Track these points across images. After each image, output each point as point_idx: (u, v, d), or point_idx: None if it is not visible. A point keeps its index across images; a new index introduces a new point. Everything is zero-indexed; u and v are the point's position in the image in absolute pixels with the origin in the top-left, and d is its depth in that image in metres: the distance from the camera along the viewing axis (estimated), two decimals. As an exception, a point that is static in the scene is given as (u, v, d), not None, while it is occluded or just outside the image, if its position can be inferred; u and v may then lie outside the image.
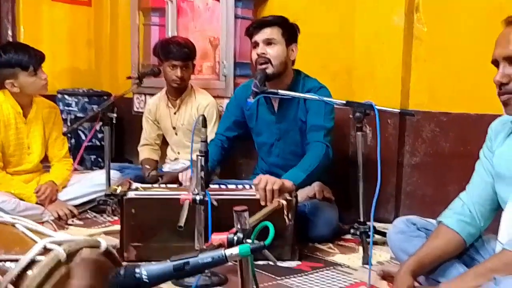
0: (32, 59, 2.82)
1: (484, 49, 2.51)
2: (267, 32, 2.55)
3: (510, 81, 1.50)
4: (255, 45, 2.58)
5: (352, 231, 2.34)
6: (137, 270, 0.99)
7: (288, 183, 2.19)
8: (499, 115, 1.73)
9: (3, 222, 1.22)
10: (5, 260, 1.08)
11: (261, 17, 2.74)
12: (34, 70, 2.82)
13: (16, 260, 1.05)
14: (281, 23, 2.58)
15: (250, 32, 2.61)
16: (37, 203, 2.83)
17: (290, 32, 2.60)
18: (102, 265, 1.11)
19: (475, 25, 2.61)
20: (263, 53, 2.52)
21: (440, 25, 2.76)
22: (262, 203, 2.08)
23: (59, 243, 1.07)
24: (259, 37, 2.55)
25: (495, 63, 1.55)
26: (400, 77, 2.83)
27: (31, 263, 1.04)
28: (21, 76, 2.81)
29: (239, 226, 1.17)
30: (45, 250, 1.07)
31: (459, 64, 2.69)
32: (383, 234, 2.37)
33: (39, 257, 1.05)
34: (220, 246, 1.12)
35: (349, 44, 3.07)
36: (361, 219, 2.31)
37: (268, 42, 2.54)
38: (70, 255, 1.06)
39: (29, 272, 1.03)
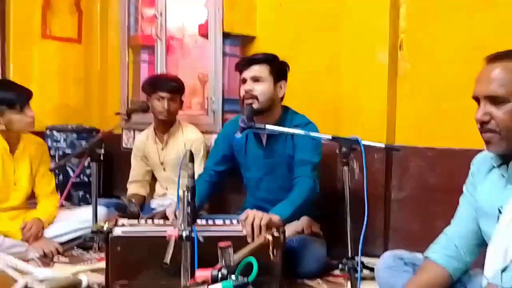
0: (19, 97, 2.83)
1: (467, 86, 2.55)
2: (255, 69, 2.59)
3: (491, 120, 1.51)
4: (243, 81, 2.61)
5: (340, 266, 2.32)
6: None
7: (275, 218, 2.19)
8: (483, 150, 1.75)
9: (-15, 260, 1.21)
10: (-15, 299, 1.06)
11: (251, 55, 2.78)
12: (21, 108, 2.82)
13: (-4, 299, 1.03)
14: (270, 61, 2.62)
15: (240, 68, 2.66)
16: (22, 240, 2.79)
17: (278, 70, 2.64)
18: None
19: (458, 62, 2.66)
20: (250, 90, 2.56)
21: (423, 62, 2.82)
22: (249, 240, 2.07)
23: (40, 281, 1.06)
24: (247, 74, 2.59)
25: (476, 99, 1.57)
26: (386, 112, 2.87)
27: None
28: (7, 114, 2.81)
29: (223, 262, 1.16)
30: (26, 288, 1.06)
31: (443, 100, 2.73)
32: (372, 269, 2.36)
33: (20, 296, 1.04)
34: (204, 282, 1.11)
35: (336, 80, 3.12)
36: (349, 254, 2.29)
37: (256, 79, 2.58)
38: (51, 294, 1.05)
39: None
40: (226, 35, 3.53)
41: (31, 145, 3.04)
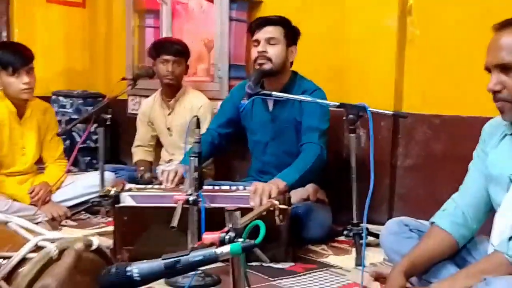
0: (13, 59, 2.76)
1: (476, 52, 2.52)
2: (269, 31, 2.57)
3: (503, 89, 1.50)
4: (256, 43, 2.59)
5: (345, 232, 2.35)
6: (128, 268, 1.00)
7: (282, 184, 2.20)
8: (492, 118, 1.73)
9: (-4, 220, 1.23)
10: (-2, 257, 1.08)
11: (264, 16, 2.75)
12: (13, 71, 2.76)
13: (8, 258, 1.05)
14: (284, 23, 2.61)
15: (253, 29, 2.63)
16: (30, 204, 2.83)
17: (291, 34, 2.63)
18: (94, 262, 1.11)
19: (468, 28, 2.62)
20: (264, 51, 2.54)
21: (433, 28, 2.78)
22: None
23: (51, 241, 1.07)
24: (261, 35, 2.57)
25: (488, 70, 1.55)
26: (394, 79, 2.84)
27: (23, 260, 1.05)
28: (2, 75, 2.78)
29: (230, 225, 1.17)
30: (37, 248, 1.07)
31: (452, 67, 2.70)
32: (376, 235, 2.38)
33: (31, 255, 1.06)
34: (211, 245, 1.12)
35: (342, 46, 3.08)
36: (354, 221, 2.31)
37: (270, 41, 2.56)
38: (62, 253, 1.07)
39: (21, 269, 1.04)
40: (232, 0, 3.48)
41: (39, 110, 3.03)
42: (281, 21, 2.60)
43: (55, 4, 4.68)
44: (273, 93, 2.43)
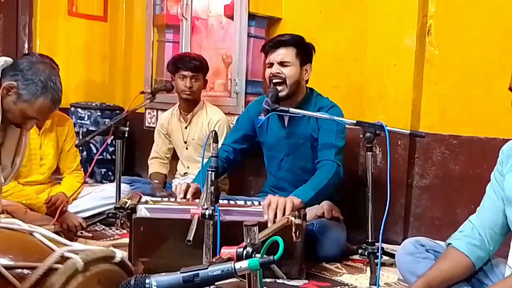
0: None
1: (495, 73, 2.54)
2: (282, 53, 2.58)
3: None
4: (270, 65, 2.61)
5: (360, 251, 2.34)
6: (147, 280, 1.00)
7: (297, 201, 2.19)
8: (510, 139, 1.73)
9: (21, 230, 1.24)
10: (23, 267, 1.09)
11: (277, 36, 2.76)
12: None
13: (34, 268, 1.06)
14: (296, 43, 2.61)
15: (266, 50, 2.65)
16: (46, 214, 2.85)
17: (304, 53, 2.63)
18: (116, 275, 1.12)
19: (487, 48, 2.63)
20: (278, 73, 2.56)
21: (451, 48, 2.78)
22: (269, 225, 2.07)
23: (76, 252, 1.08)
24: (274, 57, 2.59)
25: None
26: (411, 98, 2.84)
27: (49, 271, 1.06)
28: None
29: (248, 241, 1.18)
30: (63, 259, 1.08)
31: (470, 87, 2.70)
32: (391, 255, 2.36)
33: (56, 265, 1.06)
34: (229, 259, 1.13)
35: (360, 64, 3.10)
36: (370, 240, 2.30)
37: (283, 64, 2.57)
38: (87, 264, 1.08)
39: (47, 280, 1.05)
40: (251, 16, 3.52)
41: (58, 121, 3.07)
42: (294, 42, 2.61)
43: (76, 17, 4.76)
44: (291, 109, 2.44)
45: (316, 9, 3.38)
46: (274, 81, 2.56)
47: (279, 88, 2.56)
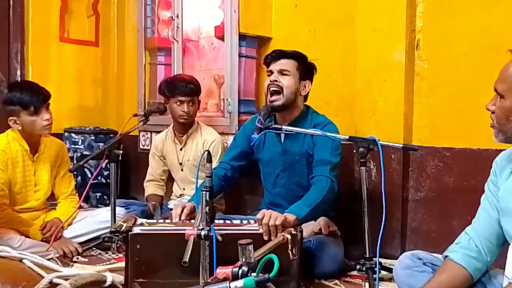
0: (34, 99, 2.83)
1: (484, 84, 2.56)
2: (283, 63, 2.62)
3: (494, 112, 1.60)
4: (270, 73, 2.64)
5: (358, 267, 2.32)
6: (142, 303, 0.99)
7: (291, 217, 2.19)
8: (502, 150, 1.74)
9: (11, 257, 1.23)
10: (12, 294, 1.08)
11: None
12: (35, 110, 2.83)
13: (24, 294, 1.05)
14: (298, 57, 2.66)
15: (268, 61, 2.68)
16: (42, 240, 2.83)
17: (305, 68, 2.67)
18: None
19: (476, 61, 2.65)
20: (276, 80, 2.58)
21: (440, 61, 2.81)
22: (265, 238, 2.08)
23: (66, 278, 1.07)
24: (274, 66, 2.63)
25: None
26: (403, 112, 2.86)
27: (38, 298, 1.05)
28: (22, 115, 2.84)
29: (243, 260, 1.17)
30: (52, 285, 1.07)
31: (461, 99, 2.72)
32: (389, 270, 2.35)
33: (46, 292, 1.05)
34: (225, 279, 1.12)
35: (351, 80, 3.12)
36: (367, 255, 2.29)
37: (282, 73, 2.60)
38: (76, 290, 1.07)
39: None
40: (242, 37, 3.55)
41: (52, 147, 3.08)
42: (296, 55, 2.66)
43: (68, 43, 4.78)
44: (283, 127, 2.45)
45: (305, 27, 3.42)
46: (272, 89, 2.59)
47: (275, 97, 2.58)
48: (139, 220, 2.33)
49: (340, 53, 3.23)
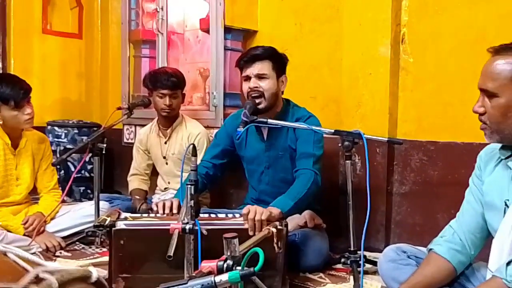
0: (15, 93, 2.77)
1: (469, 79, 2.58)
2: (259, 67, 2.57)
3: (485, 113, 1.55)
4: (247, 78, 2.60)
5: (342, 260, 2.33)
6: (125, 298, 0.98)
7: (276, 211, 2.19)
8: (485, 143, 1.75)
9: (-6, 251, 1.20)
10: (-4, 289, 1.06)
11: (250, 49, 2.76)
12: (16, 105, 2.77)
13: (8, 289, 1.03)
14: (271, 56, 2.61)
15: (241, 65, 2.64)
16: (24, 234, 2.80)
17: (279, 64, 2.64)
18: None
19: (460, 55, 2.67)
20: (256, 87, 2.55)
21: (425, 55, 2.82)
22: (251, 233, 2.07)
23: (52, 272, 1.05)
24: (251, 71, 2.58)
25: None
26: (388, 106, 2.87)
27: (23, 292, 1.02)
28: (3, 110, 2.79)
29: (228, 253, 1.16)
30: (37, 279, 1.05)
31: (446, 93, 2.74)
32: (374, 263, 2.37)
33: (31, 286, 1.03)
34: (210, 273, 1.11)
35: (337, 74, 3.12)
36: (352, 248, 2.30)
37: (260, 77, 2.57)
38: (62, 285, 1.05)
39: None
40: (227, 29, 3.53)
41: (34, 140, 3.03)
42: (268, 55, 2.61)
43: (51, 36, 4.71)
44: (269, 120, 2.44)
45: (291, 21, 3.41)
46: (253, 95, 2.56)
47: (257, 101, 2.56)
48: (123, 214, 2.31)
49: (326, 47, 3.23)
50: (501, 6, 2.51)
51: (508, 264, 1.40)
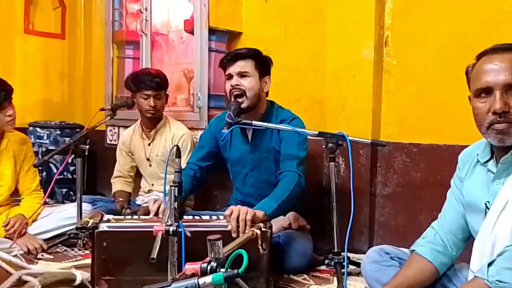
0: None
1: (450, 81, 2.61)
2: (241, 65, 2.58)
3: (510, 109, 1.47)
4: (229, 77, 2.61)
5: (326, 261, 2.35)
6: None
7: (260, 213, 2.18)
8: (467, 145, 1.77)
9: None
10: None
11: (234, 50, 2.76)
12: None
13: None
14: (254, 56, 2.62)
15: (224, 64, 2.64)
16: (5, 236, 2.76)
17: (263, 65, 2.64)
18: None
19: (443, 58, 2.69)
20: (238, 85, 2.56)
21: (408, 58, 2.84)
22: (234, 235, 2.06)
23: (35, 275, 1.05)
24: (233, 69, 2.59)
25: (486, 90, 1.51)
26: (371, 108, 2.88)
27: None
28: None
29: (212, 255, 1.16)
30: (20, 282, 1.04)
31: (428, 96, 2.76)
32: (358, 264, 2.38)
33: (14, 289, 1.02)
34: (193, 275, 1.11)
35: (321, 76, 3.13)
36: (336, 250, 2.31)
37: (242, 75, 2.58)
38: (45, 287, 1.04)
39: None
40: (212, 31, 3.53)
41: (15, 142, 2.99)
42: (252, 54, 2.62)
43: (34, 36, 4.66)
44: (253, 122, 2.44)
45: (275, 22, 3.42)
46: (235, 93, 2.56)
47: (239, 100, 2.56)
48: (106, 216, 2.29)
49: (310, 49, 3.24)
50: (482, 10, 2.54)
51: (489, 264, 1.41)
